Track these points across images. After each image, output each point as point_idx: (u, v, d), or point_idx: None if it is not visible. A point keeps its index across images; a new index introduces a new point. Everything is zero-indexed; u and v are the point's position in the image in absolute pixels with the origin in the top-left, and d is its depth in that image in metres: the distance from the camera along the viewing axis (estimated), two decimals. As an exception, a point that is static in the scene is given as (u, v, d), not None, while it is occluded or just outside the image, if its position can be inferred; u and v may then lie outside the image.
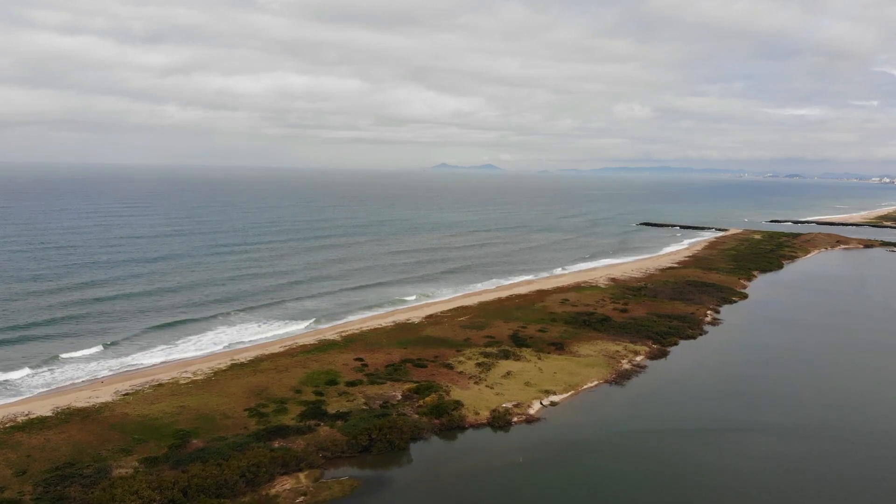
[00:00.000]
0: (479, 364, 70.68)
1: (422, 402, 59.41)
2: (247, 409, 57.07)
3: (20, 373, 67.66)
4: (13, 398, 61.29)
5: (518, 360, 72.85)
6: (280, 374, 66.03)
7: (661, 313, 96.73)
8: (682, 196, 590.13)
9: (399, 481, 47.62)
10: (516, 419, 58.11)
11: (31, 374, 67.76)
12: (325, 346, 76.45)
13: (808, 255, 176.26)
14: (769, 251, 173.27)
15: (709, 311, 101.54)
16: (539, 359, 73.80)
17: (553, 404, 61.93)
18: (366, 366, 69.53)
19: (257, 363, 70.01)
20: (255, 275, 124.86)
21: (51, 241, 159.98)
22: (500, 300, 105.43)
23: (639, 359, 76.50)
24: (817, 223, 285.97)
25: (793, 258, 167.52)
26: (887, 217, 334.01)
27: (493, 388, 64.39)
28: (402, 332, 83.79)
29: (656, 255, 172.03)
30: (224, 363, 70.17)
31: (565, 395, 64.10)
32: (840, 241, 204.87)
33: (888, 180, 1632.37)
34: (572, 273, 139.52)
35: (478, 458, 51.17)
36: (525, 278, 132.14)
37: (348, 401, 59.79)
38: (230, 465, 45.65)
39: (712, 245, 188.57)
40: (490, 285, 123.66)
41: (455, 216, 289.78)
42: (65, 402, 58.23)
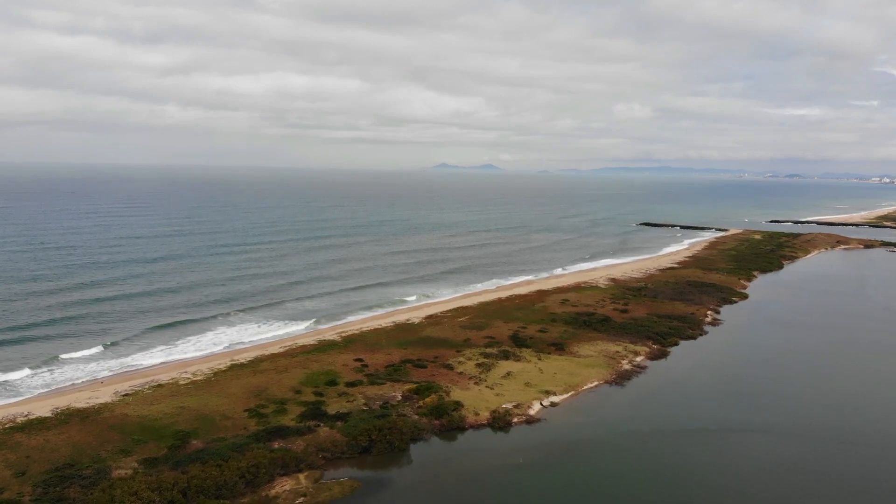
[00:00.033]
0: (479, 364, 70.63)
1: (422, 403, 59.35)
2: (246, 410, 57.02)
3: (20, 373, 67.65)
4: (13, 399, 61.25)
5: (518, 360, 72.79)
6: (280, 375, 65.97)
7: (661, 314, 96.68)
8: (682, 196, 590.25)
9: (399, 482, 47.57)
10: (516, 420, 58.06)
11: (30, 374, 67.73)
12: (324, 347, 76.40)
13: (809, 256, 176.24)
14: (769, 251, 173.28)
15: (709, 312, 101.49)
16: (539, 359, 73.75)
17: (553, 405, 61.88)
18: (366, 366, 69.48)
19: (257, 364, 69.97)
20: (254, 275, 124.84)
21: (51, 242, 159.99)
22: (500, 300, 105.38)
23: (639, 359, 76.46)
24: (817, 223, 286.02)
25: (793, 258, 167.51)
26: (887, 217, 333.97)
27: (493, 388, 64.33)
28: (402, 333, 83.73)
29: (656, 255, 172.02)
30: (224, 364, 70.13)
31: (565, 396, 64.05)
32: (840, 241, 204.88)
33: (888, 180, 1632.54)
34: (572, 273, 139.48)
35: (478, 459, 51.13)
36: (525, 278, 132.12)
37: (348, 401, 59.74)
38: (230, 465, 45.62)
39: (712, 245, 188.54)
40: (490, 285, 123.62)
41: (455, 216, 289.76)
42: (64, 402, 58.20)
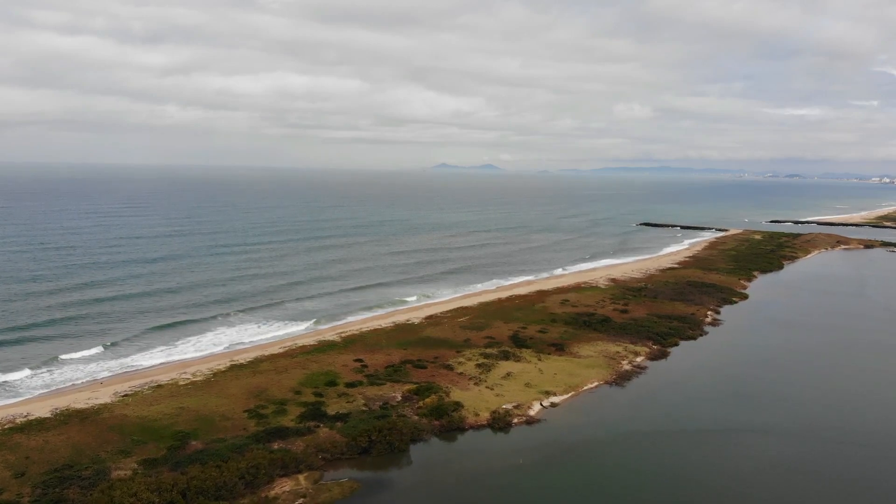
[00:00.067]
0: (479, 365, 70.57)
1: (421, 404, 59.29)
2: (246, 411, 56.96)
3: (20, 374, 67.60)
4: (12, 399, 61.20)
5: (518, 361, 72.74)
6: (279, 376, 65.91)
7: (661, 314, 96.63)
8: (682, 196, 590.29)
9: (399, 483, 47.53)
10: (516, 420, 58.00)
11: (30, 375, 67.68)
12: (324, 347, 76.35)
13: (809, 256, 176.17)
14: (769, 251, 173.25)
15: (709, 312, 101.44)
16: (539, 360, 73.69)
17: (553, 405, 61.83)
18: (365, 367, 69.43)
19: (257, 364, 69.91)
20: (254, 275, 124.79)
21: (50, 242, 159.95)
22: (500, 301, 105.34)
23: (639, 360, 76.40)
24: (817, 223, 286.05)
25: (793, 258, 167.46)
26: (887, 217, 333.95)
27: (493, 389, 64.28)
28: (401, 333, 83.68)
29: (656, 255, 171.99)
30: (223, 364, 70.07)
31: (565, 397, 64.00)
32: (840, 241, 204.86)
33: (888, 180, 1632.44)
34: (572, 273, 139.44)
35: (478, 460, 51.08)
36: (525, 279, 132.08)
37: (348, 402, 59.68)
38: (229, 466, 45.56)
39: (712, 245, 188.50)
40: (490, 286, 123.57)
41: (455, 216, 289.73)
42: (64, 403, 58.14)
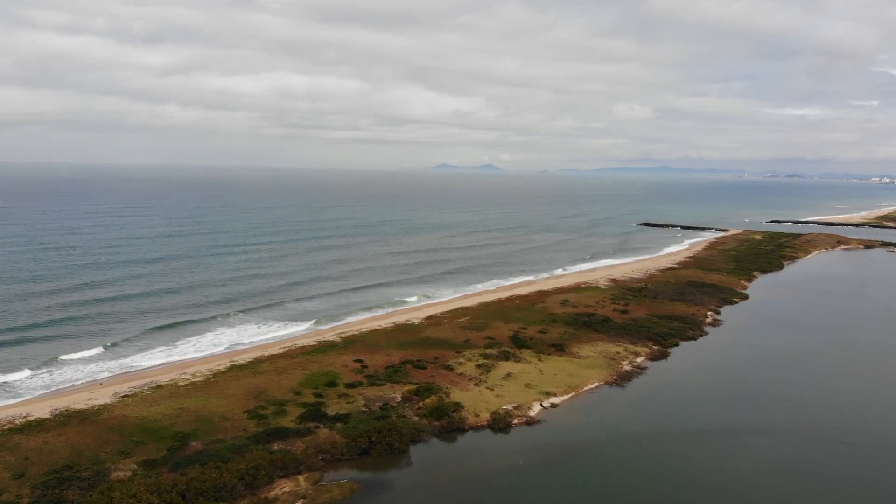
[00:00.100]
0: (479, 365, 70.49)
1: (421, 404, 59.22)
2: (246, 411, 56.88)
3: (20, 374, 67.55)
4: (12, 400, 61.12)
5: (518, 361, 72.66)
6: (279, 376, 65.83)
7: (661, 314, 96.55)
8: (682, 196, 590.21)
9: (399, 484, 47.45)
10: (516, 421, 57.92)
11: (30, 375, 67.63)
12: (324, 348, 76.27)
13: (809, 256, 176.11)
14: (770, 252, 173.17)
15: (709, 312, 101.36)
16: (539, 360, 73.62)
17: (553, 406, 61.75)
18: (365, 367, 69.35)
19: (256, 365, 69.84)
20: (254, 276, 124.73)
21: (50, 242, 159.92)
22: (500, 301, 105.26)
23: (639, 360, 76.33)
24: (818, 223, 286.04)
25: (793, 259, 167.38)
26: (887, 217, 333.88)
27: (493, 389, 64.20)
28: (401, 334, 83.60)
29: (657, 255, 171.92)
30: (223, 365, 70.00)
31: (566, 397, 63.92)
32: (840, 241, 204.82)
33: (888, 180, 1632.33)
34: (573, 274, 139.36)
35: (478, 461, 51.01)
36: (525, 279, 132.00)
37: (348, 403, 59.60)
38: (229, 467, 45.48)
39: (713, 245, 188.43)
40: (490, 286, 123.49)
41: (455, 216, 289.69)
42: (63, 403, 58.06)
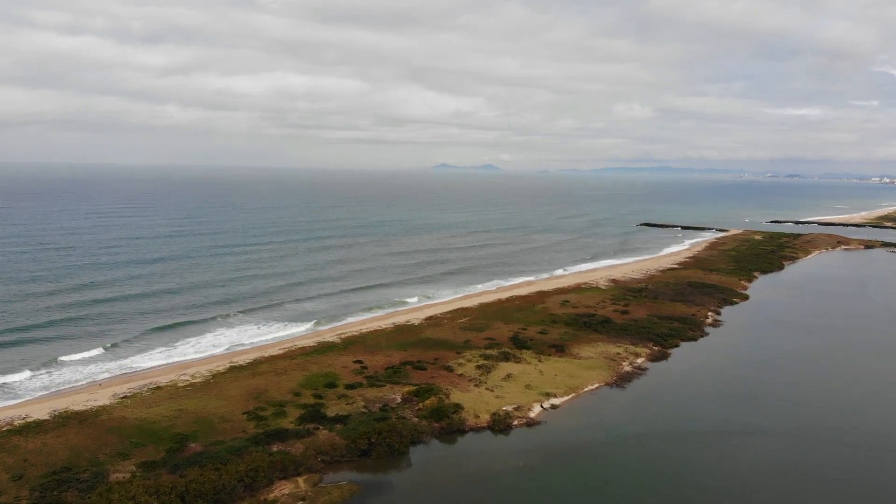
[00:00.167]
0: (479, 366, 70.36)
1: (421, 406, 59.09)
2: (245, 413, 56.75)
3: (19, 375, 67.40)
4: (11, 401, 60.96)
5: (518, 362, 72.52)
6: (279, 377, 65.70)
7: (661, 315, 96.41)
8: (682, 196, 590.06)
9: (399, 486, 47.32)
10: (517, 422, 57.79)
11: (30, 376, 67.48)
12: (324, 349, 76.15)
13: (809, 256, 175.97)
14: (770, 252, 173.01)
15: (710, 313, 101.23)
16: (539, 361, 73.49)
17: (554, 407, 61.62)
18: (365, 368, 69.22)
19: (256, 365, 69.71)
20: (254, 276, 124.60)
21: (50, 242, 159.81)
22: (500, 301, 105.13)
23: (639, 361, 76.20)
24: (818, 223, 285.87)
25: (793, 259, 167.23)
26: (888, 217, 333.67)
27: (493, 390, 64.07)
28: (401, 334, 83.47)
29: (657, 255, 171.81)
30: (223, 365, 69.87)
31: (566, 398, 63.79)
32: (841, 241, 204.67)
33: (888, 180, 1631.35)
34: (573, 274, 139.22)
35: (478, 462, 50.88)
36: (525, 279, 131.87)
37: (347, 404, 59.46)
38: (228, 469, 45.35)
39: (713, 246, 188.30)
40: (490, 286, 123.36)
41: (455, 217, 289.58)
42: (62, 405, 57.91)
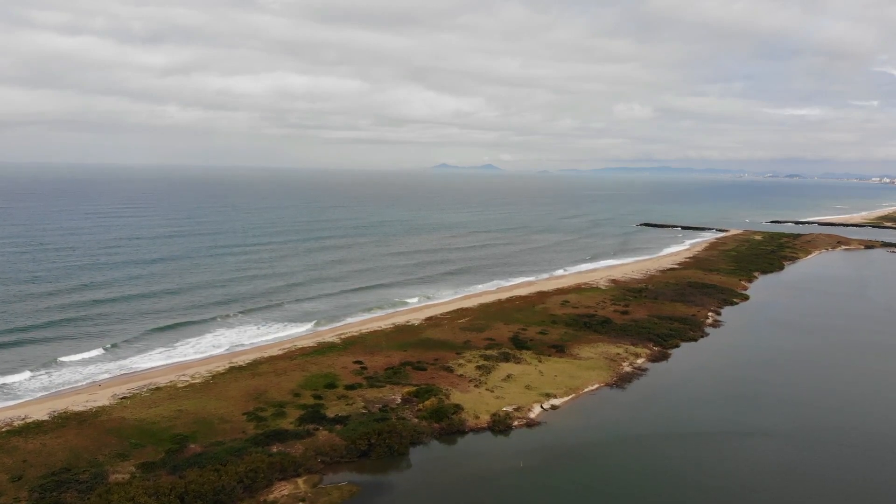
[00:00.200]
0: (479, 367, 70.28)
1: (421, 406, 59.01)
2: (245, 413, 56.68)
3: (19, 376, 67.33)
4: (11, 402, 60.89)
5: (518, 362, 72.45)
6: (279, 378, 65.63)
7: (662, 315, 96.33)
8: (682, 196, 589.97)
9: (398, 486, 47.24)
10: (517, 423, 57.71)
11: (29, 377, 67.41)
12: (324, 349, 76.08)
13: (809, 256, 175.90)
14: (770, 252, 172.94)
15: (710, 313, 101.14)
16: (539, 361, 73.41)
17: (554, 408, 61.55)
18: (365, 369, 69.14)
19: (256, 366, 69.64)
20: (254, 276, 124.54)
21: (50, 242, 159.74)
22: (500, 302, 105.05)
23: (640, 361, 76.13)
24: (818, 224, 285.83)
25: (794, 259, 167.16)
26: (888, 217, 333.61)
27: (493, 391, 63.99)
28: (401, 335, 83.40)
29: (657, 255, 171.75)
30: (222, 366, 69.80)
31: (566, 399, 63.72)
32: (841, 241, 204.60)
33: (888, 180, 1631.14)
34: (573, 274, 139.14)
35: (478, 463, 50.82)
36: (525, 280, 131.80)
37: (347, 404, 59.39)
38: (228, 470, 45.26)
39: (713, 246, 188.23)
40: (490, 287, 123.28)
41: (455, 217, 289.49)
42: (62, 405, 57.84)
